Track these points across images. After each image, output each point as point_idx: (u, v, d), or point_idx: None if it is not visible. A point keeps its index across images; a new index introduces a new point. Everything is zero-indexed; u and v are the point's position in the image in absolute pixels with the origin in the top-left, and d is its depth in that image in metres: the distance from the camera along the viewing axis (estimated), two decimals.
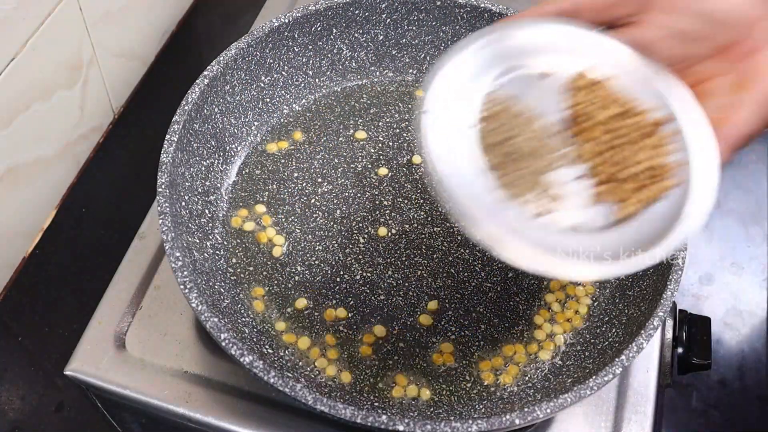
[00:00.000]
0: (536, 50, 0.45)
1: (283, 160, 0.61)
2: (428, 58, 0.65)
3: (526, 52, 0.45)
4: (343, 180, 0.61)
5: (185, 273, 0.47)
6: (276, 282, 0.55)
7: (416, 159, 0.62)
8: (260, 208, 0.59)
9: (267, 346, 0.52)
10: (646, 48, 0.45)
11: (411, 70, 0.66)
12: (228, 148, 0.60)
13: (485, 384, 0.52)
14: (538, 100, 0.44)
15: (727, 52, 0.44)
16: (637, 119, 0.44)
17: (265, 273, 0.56)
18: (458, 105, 0.43)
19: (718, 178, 0.42)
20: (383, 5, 0.61)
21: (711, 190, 0.42)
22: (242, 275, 0.56)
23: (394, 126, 0.64)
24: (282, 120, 0.63)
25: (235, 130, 0.60)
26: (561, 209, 0.41)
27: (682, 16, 0.44)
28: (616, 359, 0.46)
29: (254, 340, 0.52)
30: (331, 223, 0.59)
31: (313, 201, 0.60)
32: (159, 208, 0.49)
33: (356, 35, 0.63)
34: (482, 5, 0.60)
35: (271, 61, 0.60)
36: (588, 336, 0.54)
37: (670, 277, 0.49)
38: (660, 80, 0.45)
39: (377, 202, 0.60)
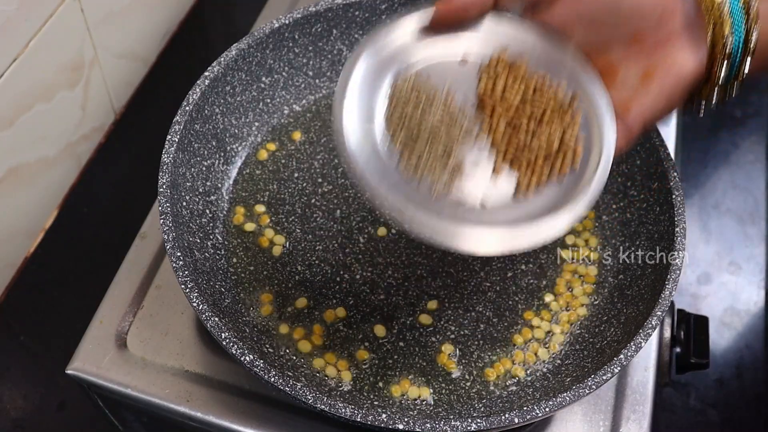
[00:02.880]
0: (454, 36, 0.47)
1: (283, 161, 0.62)
2: None
3: (443, 38, 0.47)
4: (343, 180, 0.61)
5: (186, 273, 0.47)
6: (276, 281, 0.56)
7: None
8: (260, 208, 0.59)
9: (267, 346, 0.53)
10: (560, 31, 0.47)
11: None
12: (229, 148, 0.60)
13: (485, 383, 0.53)
14: (452, 84, 0.46)
15: (639, 40, 0.46)
16: (545, 99, 0.46)
17: (265, 273, 0.56)
18: (374, 88, 0.45)
19: (612, 159, 0.44)
20: (383, 6, 0.62)
21: (604, 170, 0.44)
22: (243, 275, 0.56)
23: None
24: (282, 120, 0.63)
25: (236, 131, 0.60)
26: (465, 185, 0.43)
27: (591, 4, 0.46)
28: (615, 359, 0.46)
29: (254, 339, 0.52)
30: (331, 223, 0.59)
31: (313, 201, 0.60)
32: (160, 208, 0.50)
33: (356, 36, 0.63)
34: None
35: (272, 61, 0.60)
36: (587, 335, 0.54)
37: (669, 276, 0.50)
38: (571, 62, 0.47)
39: None
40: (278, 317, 0.54)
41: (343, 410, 0.44)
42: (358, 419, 0.44)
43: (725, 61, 0.44)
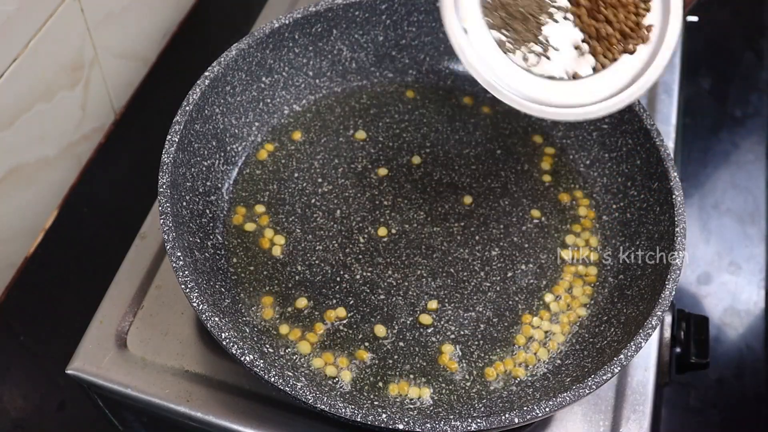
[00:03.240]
0: None
1: (283, 161, 0.62)
2: (427, 59, 0.65)
3: None
4: (343, 180, 0.61)
5: (186, 273, 0.47)
6: (276, 282, 0.56)
7: (416, 159, 0.62)
8: (260, 208, 0.59)
9: (267, 346, 0.53)
10: None
11: (411, 71, 0.66)
12: (229, 148, 0.60)
13: (485, 383, 0.53)
14: None
15: None
16: None
17: (265, 273, 0.56)
18: None
19: (679, 40, 0.51)
20: (383, 6, 0.62)
21: (670, 48, 0.50)
22: (243, 275, 0.56)
23: (394, 126, 0.64)
24: (282, 120, 0.63)
25: (236, 131, 0.60)
26: (550, 60, 0.50)
27: None
28: (615, 358, 0.46)
29: (254, 339, 0.52)
30: (331, 223, 0.59)
31: (313, 201, 0.60)
32: (160, 208, 0.50)
33: (356, 36, 0.63)
34: None
35: (272, 62, 0.61)
36: (587, 335, 0.55)
37: (669, 276, 0.50)
38: None
39: (377, 202, 0.60)
40: (278, 317, 0.54)
41: (343, 410, 0.44)
42: (358, 419, 0.44)
43: None
